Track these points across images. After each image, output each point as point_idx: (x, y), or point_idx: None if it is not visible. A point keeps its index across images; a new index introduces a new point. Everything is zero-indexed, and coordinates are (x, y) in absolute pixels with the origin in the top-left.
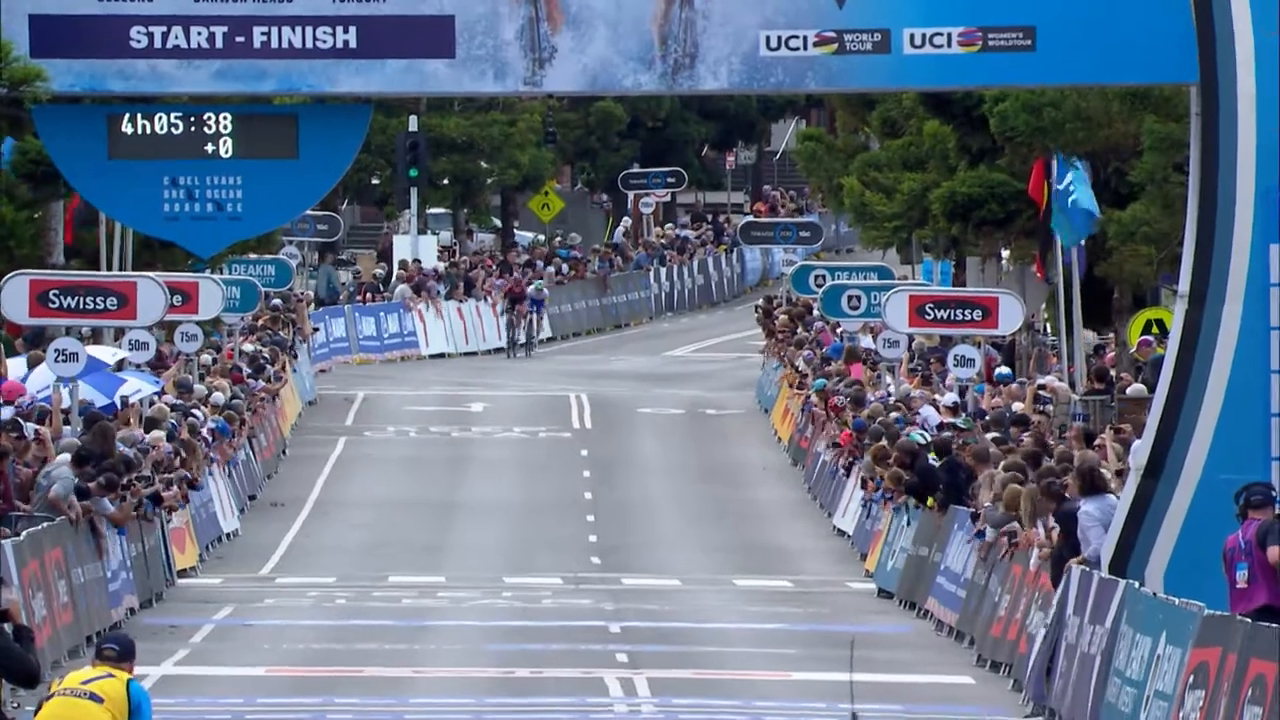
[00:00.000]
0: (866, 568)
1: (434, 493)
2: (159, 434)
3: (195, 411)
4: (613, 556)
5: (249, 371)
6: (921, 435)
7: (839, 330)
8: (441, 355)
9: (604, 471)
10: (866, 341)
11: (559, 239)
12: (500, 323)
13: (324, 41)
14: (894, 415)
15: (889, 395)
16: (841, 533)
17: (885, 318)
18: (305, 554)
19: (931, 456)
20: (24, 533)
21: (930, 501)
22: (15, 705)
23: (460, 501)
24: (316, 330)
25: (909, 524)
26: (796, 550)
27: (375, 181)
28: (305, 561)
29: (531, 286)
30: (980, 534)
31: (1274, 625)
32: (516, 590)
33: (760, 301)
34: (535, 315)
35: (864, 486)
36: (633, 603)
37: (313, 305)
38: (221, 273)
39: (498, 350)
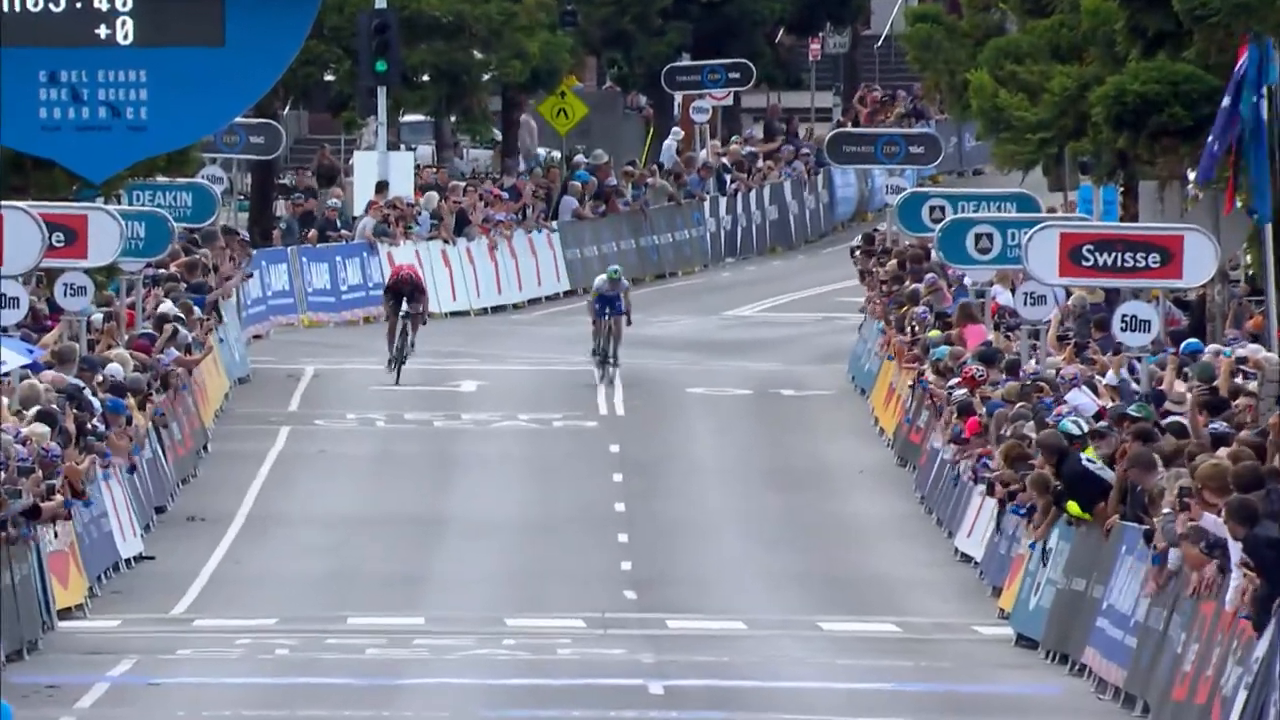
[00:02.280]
0: (1001, 606)
1: (410, 503)
2: (41, 429)
3: (84, 394)
4: (653, 590)
5: (159, 338)
6: (1075, 425)
7: (964, 281)
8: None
9: (642, 475)
10: (1004, 297)
11: (580, 156)
12: (396, 321)
13: None
14: (1027, 404)
15: (1036, 371)
16: (966, 558)
17: (1027, 264)
18: (233, 587)
19: (1088, 455)
20: None
21: (1074, 507)
22: None
23: (445, 515)
24: (249, 277)
25: (1059, 547)
26: (905, 582)
27: (329, 78)
28: (233, 597)
29: (602, 276)
30: (1159, 557)
31: None
32: (522, 637)
33: (857, 241)
34: (613, 320)
35: (991, 492)
36: (681, 653)
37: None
38: (119, 202)
39: (496, 309)
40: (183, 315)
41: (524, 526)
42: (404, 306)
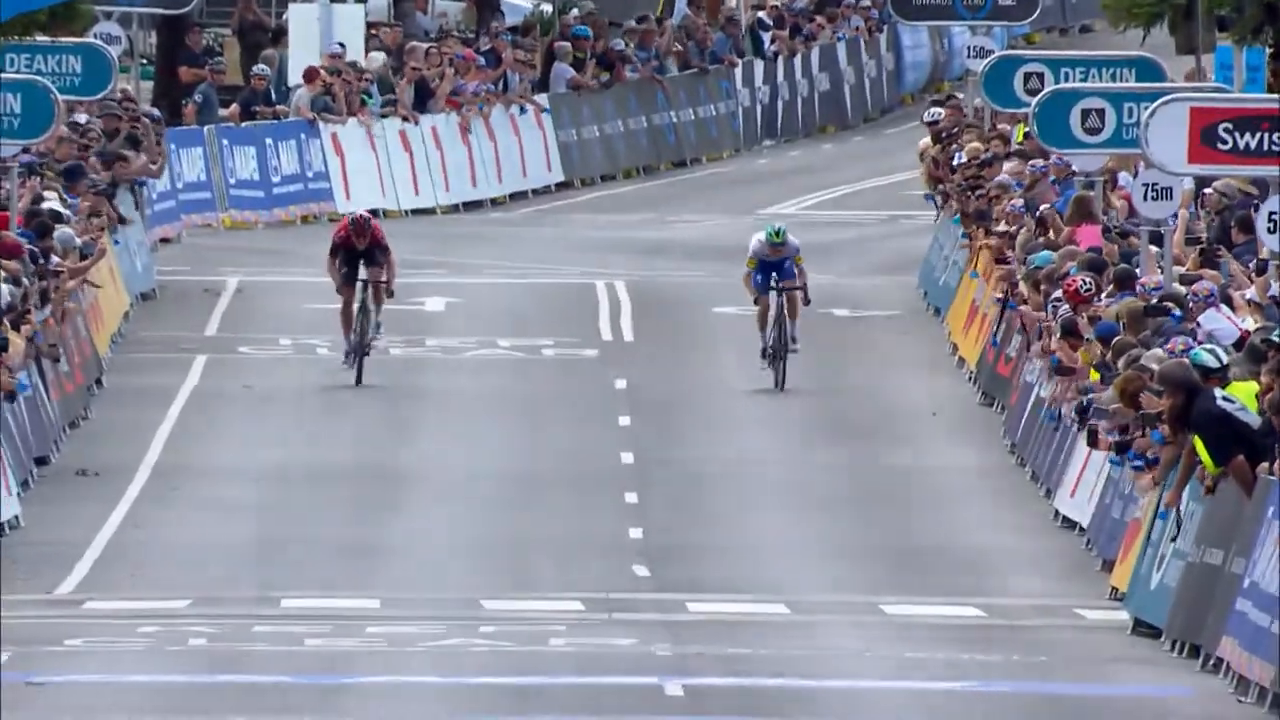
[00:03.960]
0: (1114, 584)
1: (361, 453)
2: None
3: None
4: (670, 564)
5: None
6: (1212, 355)
7: (1068, 170)
8: (374, 213)
9: (655, 417)
10: (1130, 185)
11: (575, 11)
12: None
13: None
14: (1160, 322)
15: (1159, 285)
16: (1070, 523)
17: (1148, 149)
18: (137, 560)
19: (1226, 394)
20: None
21: (1205, 459)
22: None
23: (406, 469)
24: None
25: (1189, 509)
26: (992, 553)
27: None
28: (135, 573)
29: (760, 236)
30: None
31: None
32: (505, 623)
33: (931, 115)
34: (784, 296)
35: (1093, 443)
36: (705, 643)
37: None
38: None
39: (470, 205)
40: (62, 211)
41: (506, 483)
42: (361, 272)
